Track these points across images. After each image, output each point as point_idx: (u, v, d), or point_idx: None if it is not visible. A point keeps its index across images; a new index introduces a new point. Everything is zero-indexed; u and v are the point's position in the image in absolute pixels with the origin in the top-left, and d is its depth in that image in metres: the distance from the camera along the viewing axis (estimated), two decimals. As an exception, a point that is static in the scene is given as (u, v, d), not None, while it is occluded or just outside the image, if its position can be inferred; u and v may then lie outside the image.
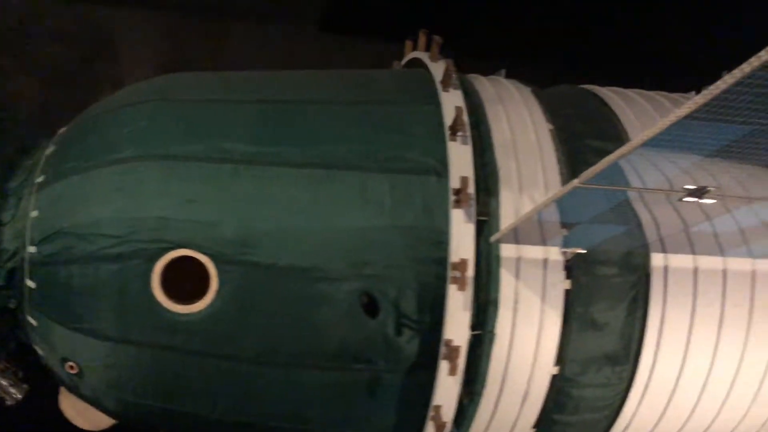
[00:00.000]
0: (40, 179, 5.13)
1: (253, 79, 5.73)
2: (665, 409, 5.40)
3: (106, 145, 5.00)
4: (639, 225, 5.00)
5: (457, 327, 4.68)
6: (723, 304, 5.21)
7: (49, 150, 5.38)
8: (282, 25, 10.68)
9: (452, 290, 4.63)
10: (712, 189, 3.36)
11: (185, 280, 4.77)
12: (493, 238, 4.72)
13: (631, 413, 5.38)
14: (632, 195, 4.89)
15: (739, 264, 5.25)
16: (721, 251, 5.17)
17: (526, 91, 5.84)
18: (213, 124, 5.01)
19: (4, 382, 5.89)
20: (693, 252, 5.16)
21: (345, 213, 4.79)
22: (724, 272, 5.23)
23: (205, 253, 4.68)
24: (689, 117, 2.54)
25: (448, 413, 4.91)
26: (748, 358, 5.31)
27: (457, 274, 4.59)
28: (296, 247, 4.71)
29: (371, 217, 4.79)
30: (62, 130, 5.58)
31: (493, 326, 4.88)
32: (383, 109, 5.28)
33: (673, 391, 5.32)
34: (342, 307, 4.71)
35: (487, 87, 5.76)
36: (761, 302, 5.26)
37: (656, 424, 5.51)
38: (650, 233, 5.04)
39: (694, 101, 2.46)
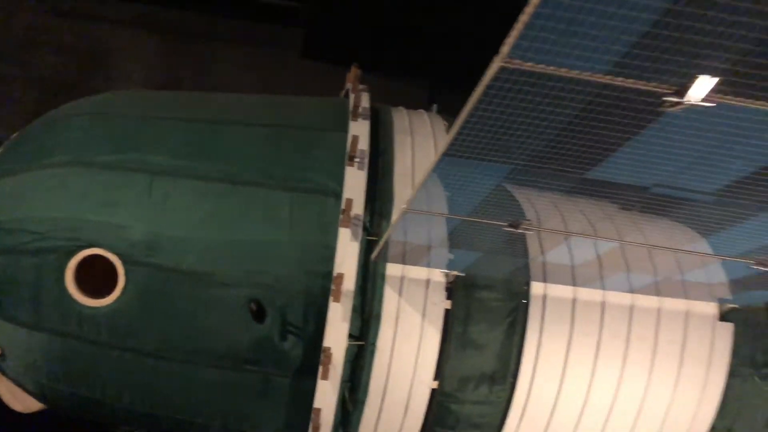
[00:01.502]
0: (-17, 178, 5.60)
1: (187, 100, 6.17)
2: (545, 429, 5.60)
3: (41, 150, 5.45)
4: (524, 255, 5.25)
5: (336, 337, 4.98)
6: (600, 334, 5.42)
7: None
8: (266, 50, 11.20)
9: (332, 302, 4.94)
10: (526, 222, 3.64)
11: (98, 277, 5.17)
12: (372, 257, 5.03)
13: (512, 431, 5.58)
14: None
15: (617, 298, 5.47)
16: (602, 284, 5.40)
17: (441, 124, 6.17)
18: (138, 138, 5.43)
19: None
20: (574, 283, 5.40)
21: (245, 225, 5.14)
22: (603, 304, 5.45)
23: (114, 253, 5.06)
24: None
25: (328, 417, 5.18)
26: (625, 387, 5.50)
27: (340, 286, 4.90)
28: (197, 253, 5.07)
29: (269, 231, 5.14)
30: (14, 135, 6.06)
31: (375, 339, 5.17)
32: (297, 134, 5.64)
33: (552, 412, 5.51)
34: (233, 312, 5.04)
35: (403, 119, 6.10)
36: (638, 335, 5.46)
37: (539, 445, 5.70)
38: (534, 263, 5.30)
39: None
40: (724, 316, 5.54)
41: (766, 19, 1.86)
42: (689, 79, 2.14)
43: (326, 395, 5.08)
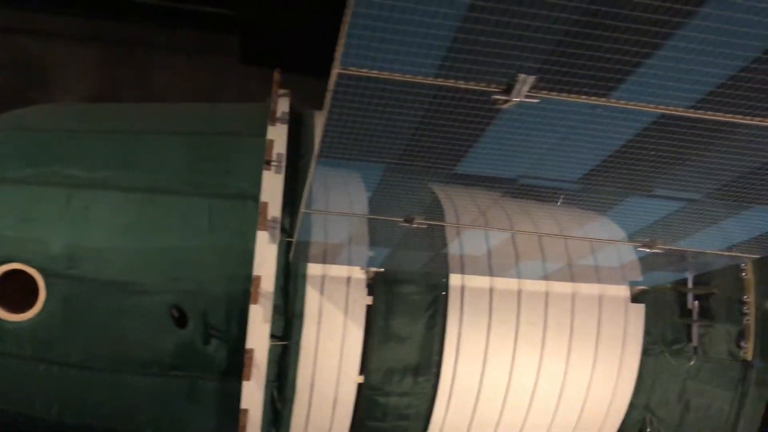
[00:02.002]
0: None
1: (108, 111, 6.19)
2: (472, 415, 5.76)
3: (-41, 168, 5.42)
4: (442, 250, 5.40)
5: (258, 338, 5.07)
6: (518, 322, 5.61)
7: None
8: (205, 57, 11.20)
9: (252, 304, 5.02)
10: (416, 217, 3.78)
11: (20, 292, 5.17)
12: (290, 258, 5.13)
13: (440, 420, 5.73)
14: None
15: (533, 285, 5.66)
16: (518, 273, 5.59)
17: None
18: (57, 152, 5.43)
19: None
20: (491, 274, 5.58)
21: (165, 233, 5.19)
22: (519, 293, 5.64)
23: (34, 267, 5.07)
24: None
25: (256, 417, 5.26)
26: (545, 370, 5.70)
27: (259, 288, 4.99)
28: (117, 263, 5.11)
29: (189, 237, 5.20)
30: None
31: (299, 338, 5.27)
32: (217, 140, 5.71)
33: (477, 399, 5.68)
34: (155, 319, 5.09)
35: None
36: (554, 321, 5.66)
37: (467, 430, 5.87)
38: (452, 258, 5.45)
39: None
40: (635, 298, 5.78)
41: (570, 12, 1.99)
42: (511, 78, 2.30)
43: (252, 396, 5.15)
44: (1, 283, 5.11)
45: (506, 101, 2.37)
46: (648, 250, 4.15)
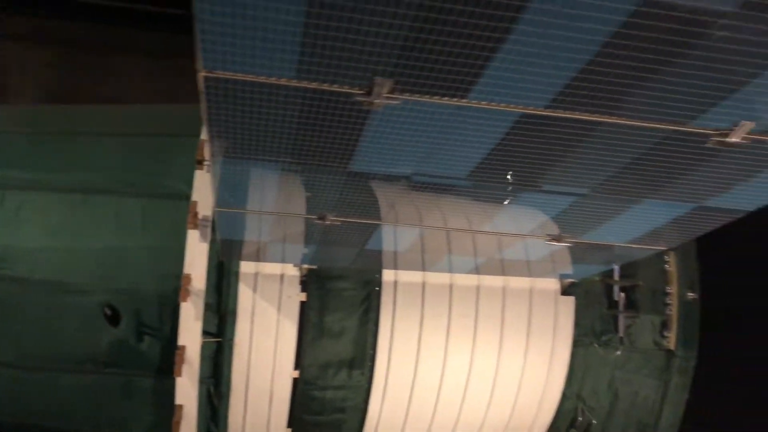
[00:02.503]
0: None
1: (45, 114, 6.21)
2: (408, 407, 5.87)
3: None
4: (376, 248, 5.49)
5: (189, 335, 5.13)
6: (450, 314, 5.73)
7: None
8: (161, 58, 11.18)
9: (182, 302, 5.09)
10: (328, 214, 3.88)
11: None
12: (219, 256, 5.20)
13: (377, 412, 5.83)
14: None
15: (465, 279, 5.78)
16: (450, 267, 5.70)
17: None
18: (-9, 154, 5.46)
19: None
20: (423, 269, 5.69)
21: (97, 234, 5.23)
22: (451, 286, 5.76)
23: (-34, 268, 5.10)
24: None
25: (191, 412, 5.32)
26: (478, 361, 5.82)
27: (188, 286, 5.06)
28: (49, 263, 5.14)
29: (121, 237, 5.24)
30: None
31: (232, 335, 5.34)
32: (152, 141, 5.75)
33: (412, 390, 5.79)
34: (88, 318, 5.13)
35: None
36: (485, 313, 5.79)
37: (405, 421, 5.97)
38: (386, 254, 5.55)
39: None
40: (565, 291, 5.92)
41: (413, 20, 2.09)
42: (369, 81, 2.40)
43: (185, 391, 5.22)
44: (-67, 284, 5.13)
45: (371, 103, 2.47)
46: (557, 244, 4.27)
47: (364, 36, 2.14)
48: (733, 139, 2.68)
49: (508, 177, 3.26)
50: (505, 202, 3.59)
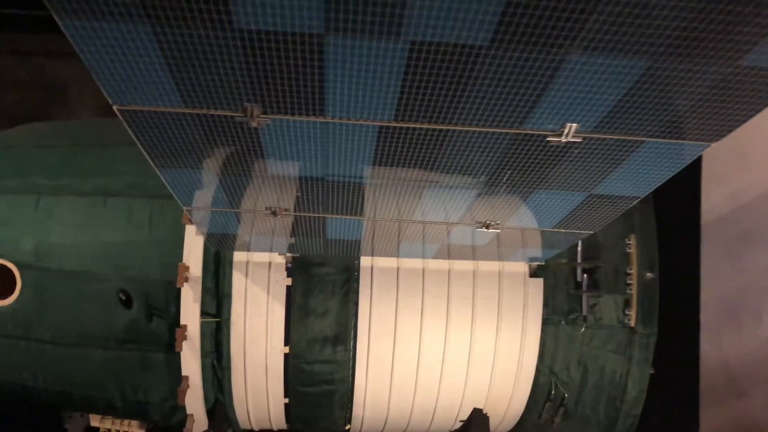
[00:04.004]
0: None
1: (70, 128, 7.10)
2: (390, 380, 6.41)
3: (-48, 182, 6.43)
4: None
5: (190, 315, 5.87)
6: (423, 296, 6.21)
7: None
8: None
9: (184, 287, 5.83)
10: (279, 209, 4.46)
11: (2, 281, 6.14)
12: (212, 248, 5.89)
13: (363, 384, 6.39)
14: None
15: (437, 264, 6.24)
16: (423, 254, 6.17)
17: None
18: (28, 165, 6.36)
19: None
20: (398, 255, 6.19)
21: (113, 230, 6.04)
22: (424, 270, 6.24)
23: (11, 261, 6.02)
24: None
25: (196, 381, 6.07)
26: (452, 338, 6.28)
27: (186, 274, 5.79)
28: (76, 256, 6.00)
29: (132, 233, 6.03)
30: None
31: (228, 315, 6.05)
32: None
33: (392, 365, 6.32)
34: (107, 301, 5.96)
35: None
36: (457, 293, 6.23)
37: (390, 394, 6.52)
38: (364, 243, 6.08)
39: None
40: (534, 273, 6.27)
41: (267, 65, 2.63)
42: (243, 106, 2.95)
43: (189, 363, 5.97)
44: (-15, 275, 6.10)
45: (254, 123, 3.03)
46: (488, 231, 4.68)
47: (232, 74, 2.69)
48: (566, 139, 3.06)
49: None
50: (424, 196, 4.05)
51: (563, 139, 3.04)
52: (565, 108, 2.83)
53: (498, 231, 4.71)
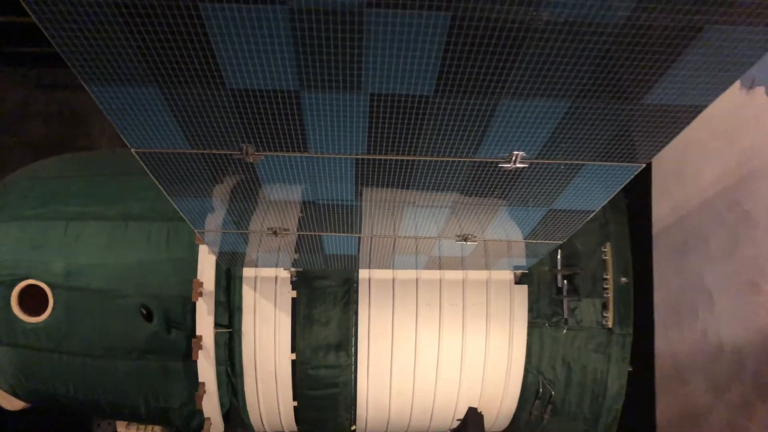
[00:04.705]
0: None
1: (93, 158, 7.69)
2: (390, 383, 6.87)
3: (-8, 210, 7.05)
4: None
5: (205, 326, 6.39)
6: (417, 304, 6.68)
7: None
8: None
9: (198, 301, 6.35)
10: (280, 228, 4.97)
11: (36, 299, 6.72)
12: (222, 264, 6.42)
13: (364, 387, 6.86)
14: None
15: (429, 274, 6.71)
16: (416, 265, 6.64)
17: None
18: (56, 193, 6.95)
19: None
20: (393, 267, 6.67)
21: (134, 251, 6.60)
22: (417, 281, 6.71)
23: (43, 282, 6.60)
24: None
25: (212, 387, 6.58)
26: (445, 343, 6.73)
27: (200, 289, 6.32)
28: (101, 275, 6.56)
29: (152, 253, 6.59)
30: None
31: (239, 326, 6.56)
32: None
33: (391, 369, 6.78)
34: (130, 316, 6.50)
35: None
36: (448, 301, 6.69)
37: (390, 395, 6.97)
38: (361, 257, 6.58)
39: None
40: (519, 281, 6.71)
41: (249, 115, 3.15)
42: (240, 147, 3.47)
43: (205, 371, 6.48)
44: (21, 294, 6.68)
45: (249, 159, 3.55)
46: (468, 243, 5.15)
47: (227, 122, 3.22)
48: (515, 165, 3.54)
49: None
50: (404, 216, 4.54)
51: (512, 165, 3.52)
52: (509, 140, 3.32)
53: (475, 243, 5.18)
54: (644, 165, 3.63)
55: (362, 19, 2.38)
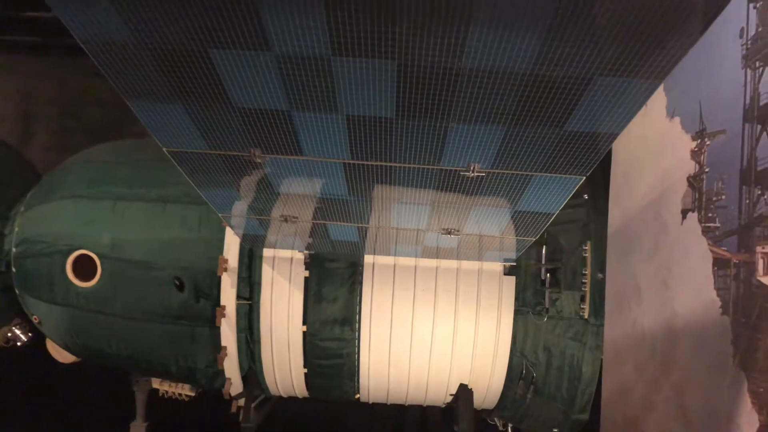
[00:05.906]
0: (22, 209, 8.26)
1: (138, 145, 8.60)
2: (389, 356, 7.60)
3: (52, 189, 8.02)
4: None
5: (228, 297, 7.24)
6: (415, 288, 7.37)
7: (33, 191, 8.52)
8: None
9: (224, 275, 7.20)
10: (290, 216, 5.73)
11: (87, 267, 7.69)
12: (245, 245, 7.24)
13: (366, 359, 7.61)
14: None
15: (426, 262, 7.39)
16: (415, 253, 7.33)
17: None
18: (106, 176, 7.88)
19: (18, 331, 9.15)
20: (395, 254, 7.37)
21: (170, 230, 7.48)
22: (415, 267, 7.40)
23: (93, 252, 7.55)
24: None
25: (233, 351, 7.44)
26: (438, 325, 7.41)
27: (225, 265, 7.17)
28: (142, 249, 7.46)
29: (186, 232, 7.46)
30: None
31: (258, 299, 7.39)
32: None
33: (390, 344, 7.51)
34: (165, 285, 7.40)
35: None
36: (443, 287, 7.36)
37: (389, 369, 7.71)
38: (367, 242, 7.31)
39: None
40: (507, 272, 7.34)
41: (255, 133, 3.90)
42: (248, 150, 4.22)
43: (227, 336, 7.34)
44: (74, 262, 7.66)
45: (257, 160, 4.30)
46: (451, 236, 5.82)
47: (237, 131, 3.97)
48: (473, 174, 4.19)
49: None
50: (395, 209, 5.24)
51: (472, 173, 4.18)
52: (465, 153, 3.97)
53: (458, 236, 5.84)
54: (583, 178, 4.23)
55: (331, 64, 3.09)
